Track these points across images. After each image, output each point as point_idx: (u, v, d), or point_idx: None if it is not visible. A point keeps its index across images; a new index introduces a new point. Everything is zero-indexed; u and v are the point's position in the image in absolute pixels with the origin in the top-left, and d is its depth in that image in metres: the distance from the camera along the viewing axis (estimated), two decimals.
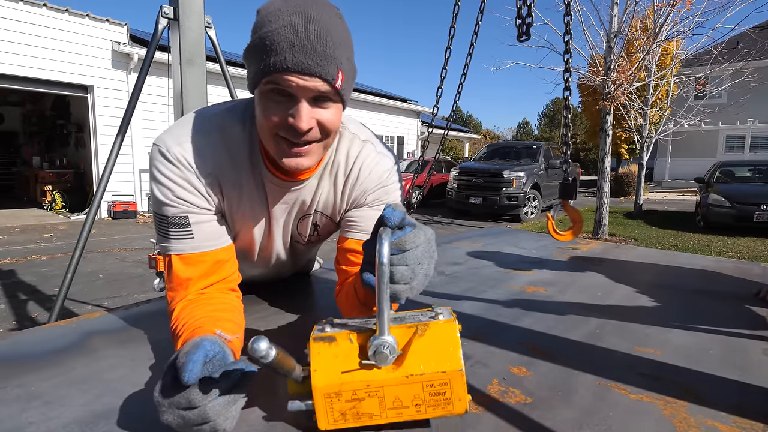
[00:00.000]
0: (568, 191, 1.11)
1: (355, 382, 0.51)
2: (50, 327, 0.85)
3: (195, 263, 0.74)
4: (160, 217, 0.74)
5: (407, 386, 0.51)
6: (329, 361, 0.52)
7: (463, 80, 1.73)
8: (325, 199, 0.86)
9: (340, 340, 0.53)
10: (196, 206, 0.74)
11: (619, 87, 6.60)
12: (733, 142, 17.18)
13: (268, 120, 0.66)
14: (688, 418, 0.58)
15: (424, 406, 0.52)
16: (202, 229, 0.74)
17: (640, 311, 1.01)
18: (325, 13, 0.64)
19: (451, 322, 0.55)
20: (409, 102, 16.38)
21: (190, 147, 0.73)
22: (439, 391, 0.52)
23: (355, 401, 0.51)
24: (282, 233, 0.89)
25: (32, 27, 7.65)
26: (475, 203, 9.73)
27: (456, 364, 0.51)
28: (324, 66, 0.62)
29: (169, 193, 0.72)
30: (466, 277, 1.27)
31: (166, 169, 0.72)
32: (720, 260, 1.62)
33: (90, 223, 2.04)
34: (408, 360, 0.51)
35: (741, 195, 7.98)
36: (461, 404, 0.52)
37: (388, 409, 0.52)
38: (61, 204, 9.31)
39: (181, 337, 0.64)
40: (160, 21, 2.09)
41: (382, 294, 0.50)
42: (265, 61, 0.62)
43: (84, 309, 3.60)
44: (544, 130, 49.11)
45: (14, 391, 0.61)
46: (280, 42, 0.61)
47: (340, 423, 0.52)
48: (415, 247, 0.56)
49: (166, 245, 0.74)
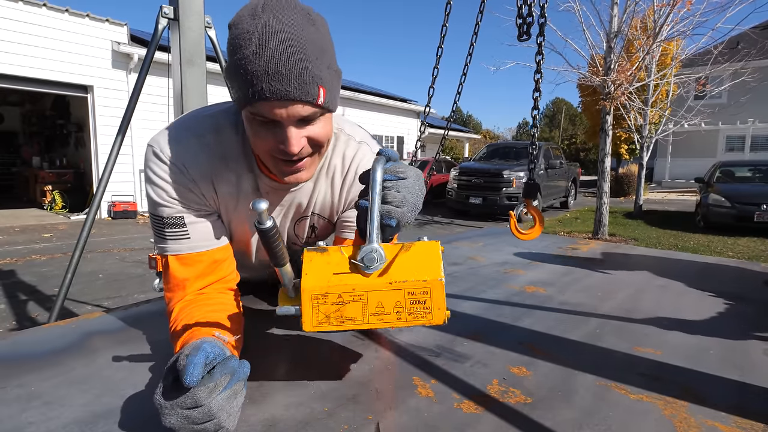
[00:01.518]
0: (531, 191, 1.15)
1: (341, 285, 0.54)
2: (50, 327, 0.85)
3: (192, 263, 0.73)
4: (156, 218, 0.73)
5: (390, 292, 0.55)
6: (320, 267, 0.56)
7: (463, 80, 1.72)
8: (323, 200, 0.86)
9: (331, 251, 0.57)
10: (191, 206, 0.74)
11: (619, 87, 6.60)
12: (733, 142, 17.18)
13: (260, 144, 0.67)
14: (688, 418, 0.58)
15: (405, 314, 0.55)
16: (198, 229, 0.74)
17: (640, 311, 1.01)
18: (296, 25, 0.61)
19: (435, 242, 0.58)
20: (409, 102, 16.39)
21: (185, 148, 0.72)
22: (419, 299, 0.55)
23: (340, 304, 0.54)
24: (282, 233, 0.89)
25: (32, 27, 7.65)
26: (475, 203, 9.73)
27: (436, 274, 0.55)
28: (303, 89, 0.61)
29: (163, 194, 0.72)
30: (466, 277, 1.27)
31: (160, 170, 0.71)
32: (720, 260, 1.62)
33: (90, 223, 2.04)
34: (392, 269, 0.55)
35: (741, 195, 7.98)
36: (440, 314, 0.55)
37: (370, 314, 0.55)
38: (61, 204, 9.31)
39: (180, 339, 0.64)
40: (160, 21, 2.09)
41: (374, 205, 0.55)
42: (243, 90, 0.61)
43: (84, 309, 3.60)
44: (544, 130, 49.11)
45: (14, 391, 0.61)
46: (255, 72, 0.59)
47: (324, 325, 0.54)
48: (406, 177, 0.60)
49: (162, 246, 0.74)
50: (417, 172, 0.63)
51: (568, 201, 12.17)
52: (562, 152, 12.94)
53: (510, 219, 1.17)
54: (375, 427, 0.54)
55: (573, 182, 12.54)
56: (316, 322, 0.54)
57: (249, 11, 0.61)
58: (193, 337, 0.61)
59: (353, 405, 0.59)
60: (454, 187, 10.18)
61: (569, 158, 18.20)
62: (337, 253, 0.56)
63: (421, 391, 0.64)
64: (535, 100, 1.12)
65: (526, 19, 1.09)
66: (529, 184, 1.16)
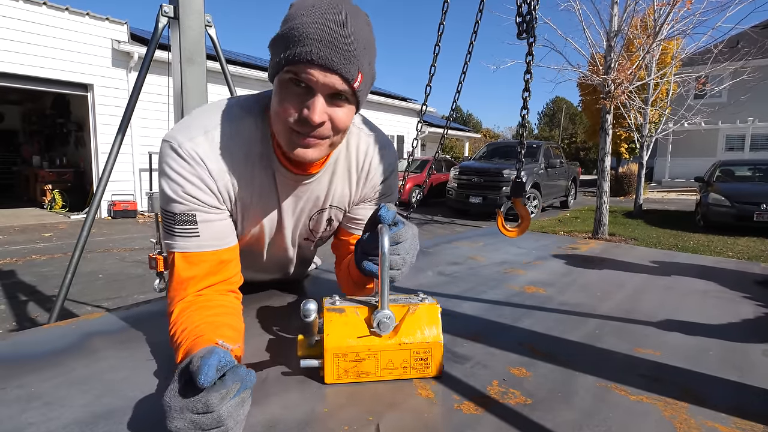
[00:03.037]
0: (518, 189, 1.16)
1: (358, 346, 0.64)
2: (50, 327, 0.85)
3: (198, 262, 0.73)
4: (168, 213, 0.73)
5: (399, 352, 0.66)
6: (339, 328, 0.64)
7: (462, 79, 1.72)
8: (341, 193, 0.88)
9: (348, 312, 0.66)
10: (205, 204, 0.74)
11: (619, 86, 6.60)
12: (733, 142, 17.18)
13: (283, 109, 0.68)
14: (689, 420, 0.58)
15: (410, 368, 0.67)
16: (209, 228, 0.74)
17: (639, 311, 1.01)
18: (356, 18, 0.66)
19: (434, 304, 0.69)
20: (409, 101, 16.38)
21: (203, 142, 0.73)
22: (422, 357, 0.66)
23: (356, 361, 0.65)
24: (292, 228, 0.89)
25: (32, 25, 7.64)
26: (474, 203, 9.73)
27: (437, 338, 0.67)
28: (346, 65, 0.64)
29: (179, 189, 0.71)
30: (466, 277, 1.27)
31: (177, 165, 0.71)
32: (720, 260, 1.62)
33: (90, 223, 2.04)
34: (401, 331, 0.66)
35: (741, 194, 7.98)
36: (438, 368, 0.67)
37: (381, 369, 0.66)
38: (61, 203, 9.31)
39: (182, 346, 0.63)
40: (160, 19, 2.09)
41: (384, 277, 0.64)
42: (291, 50, 0.64)
43: (84, 309, 3.60)
44: (544, 129, 49.09)
45: (14, 392, 0.61)
46: (308, 34, 0.63)
47: (343, 378, 0.65)
48: (404, 240, 0.69)
49: (170, 242, 0.73)
50: (413, 233, 0.71)
51: (568, 200, 12.17)
52: (562, 151, 12.93)
53: (497, 217, 1.18)
54: (375, 427, 0.54)
55: (573, 181, 12.54)
56: (336, 376, 0.64)
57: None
58: (197, 345, 0.61)
59: (353, 405, 0.59)
60: (454, 187, 10.17)
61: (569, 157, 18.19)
62: (353, 315, 0.66)
63: (421, 391, 0.64)
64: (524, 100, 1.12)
65: (526, 17, 1.09)
66: (516, 183, 1.17)
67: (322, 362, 0.64)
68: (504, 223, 1.17)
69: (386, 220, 0.67)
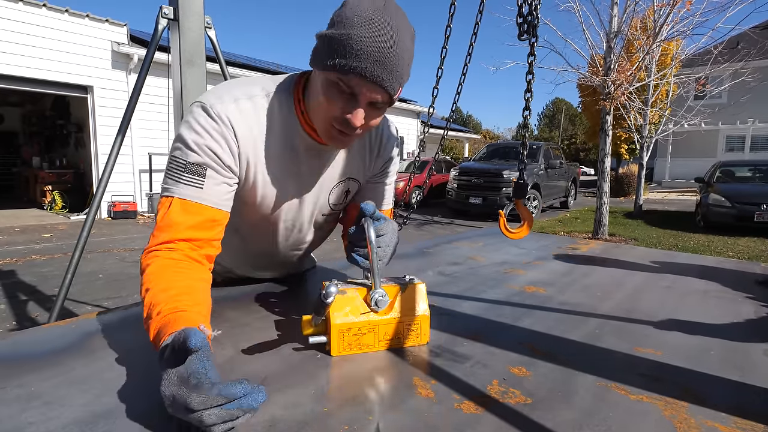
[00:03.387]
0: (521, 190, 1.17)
1: (360, 322, 0.74)
2: (50, 327, 0.85)
3: (193, 213, 0.76)
4: (180, 161, 0.77)
5: (394, 325, 0.76)
6: (342, 307, 0.73)
7: (462, 80, 1.73)
8: (358, 165, 0.96)
9: (348, 293, 0.74)
10: (220, 162, 0.78)
11: (619, 87, 6.60)
12: (733, 142, 17.18)
13: (328, 106, 0.75)
14: (689, 419, 0.58)
15: (403, 338, 0.78)
16: (212, 186, 0.78)
17: (640, 311, 1.01)
18: (406, 35, 0.72)
19: (421, 283, 0.80)
20: (409, 102, 16.37)
21: (234, 109, 0.79)
22: (413, 328, 0.78)
23: (359, 335, 0.74)
24: (313, 203, 0.95)
25: (32, 27, 7.65)
26: (474, 203, 9.73)
27: (425, 311, 0.79)
28: (392, 83, 0.72)
29: (199, 140, 0.76)
30: (466, 277, 1.27)
31: (204, 121, 0.77)
32: (720, 260, 1.62)
33: (90, 224, 2.04)
34: (395, 307, 0.77)
35: (741, 195, 7.98)
36: (425, 338, 0.79)
37: (380, 340, 0.76)
38: (61, 204, 9.31)
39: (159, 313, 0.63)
40: (160, 21, 2.09)
41: (374, 260, 0.74)
42: (345, 61, 0.69)
43: (84, 309, 3.60)
44: (544, 130, 49.13)
45: (14, 391, 0.61)
46: (364, 51, 0.68)
47: (347, 351, 0.74)
48: (386, 234, 0.80)
49: (172, 188, 0.76)
50: (393, 228, 0.82)
51: (568, 201, 12.17)
52: (562, 152, 12.94)
53: (500, 218, 1.18)
54: (375, 427, 0.54)
55: (573, 182, 12.54)
56: (341, 349, 0.73)
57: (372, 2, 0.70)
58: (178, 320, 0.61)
59: (353, 405, 0.59)
60: (454, 187, 10.18)
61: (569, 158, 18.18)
62: (353, 295, 0.75)
63: (421, 391, 0.64)
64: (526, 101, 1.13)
65: (527, 18, 1.10)
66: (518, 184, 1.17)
67: (328, 338, 0.73)
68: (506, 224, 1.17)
69: (368, 212, 0.77)
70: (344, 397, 0.61)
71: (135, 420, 0.55)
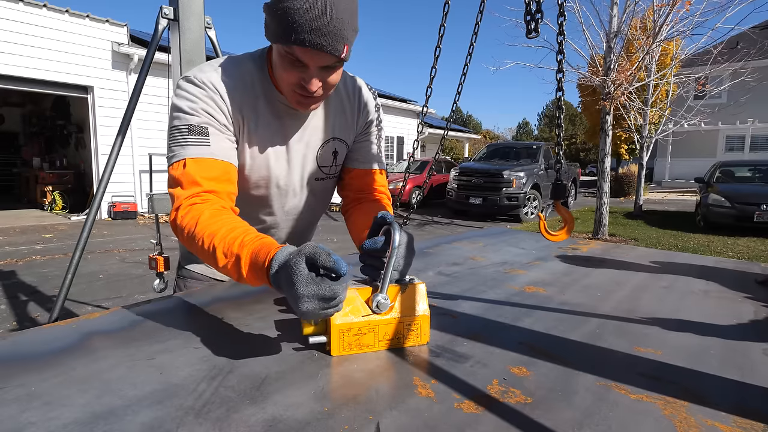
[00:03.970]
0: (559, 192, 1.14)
1: (360, 322, 0.73)
2: (50, 327, 0.85)
3: (208, 168, 0.82)
4: (182, 127, 0.82)
5: (394, 325, 0.76)
6: (343, 307, 0.70)
7: (462, 80, 1.72)
8: (341, 124, 1.01)
9: (349, 293, 0.73)
10: (216, 120, 0.85)
11: (618, 87, 6.60)
12: (733, 142, 17.18)
13: (285, 77, 0.82)
14: (689, 418, 0.58)
15: (403, 339, 0.77)
16: (217, 141, 0.84)
17: (640, 311, 1.01)
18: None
19: (421, 283, 0.79)
20: (409, 102, 16.38)
21: (215, 74, 0.86)
22: (413, 328, 0.78)
23: (359, 335, 0.74)
24: (301, 164, 0.99)
25: (32, 28, 7.66)
26: (475, 203, 9.73)
27: (425, 311, 0.78)
28: (333, 45, 0.76)
29: (194, 105, 0.83)
30: (466, 277, 1.27)
31: (192, 88, 0.84)
32: (720, 260, 1.62)
33: (90, 224, 2.04)
34: (395, 308, 0.76)
35: (741, 195, 7.98)
36: (425, 338, 0.79)
37: (380, 340, 0.75)
38: (61, 205, 9.31)
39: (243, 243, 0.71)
40: (160, 21, 2.09)
41: (389, 267, 0.73)
42: (286, 34, 0.75)
43: (84, 309, 3.61)
44: (544, 130, 49.13)
45: (14, 391, 0.61)
46: (300, 22, 0.73)
47: (347, 350, 0.73)
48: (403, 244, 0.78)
49: (181, 152, 0.82)
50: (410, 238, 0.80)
51: (568, 201, 12.17)
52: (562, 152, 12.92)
53: (540, 221, 1.17)
54: (375, 427, 0.54)
55: (573, 182, 12.54)
56: (341, 349, 0.73)
57: None
58: (270, 244, 0.70)
59: (353, 405, 0.59)
60: (454, 187, 10.18)
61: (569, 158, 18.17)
62: (353, 296, 0.74)
63: (421, 391, 0.64)
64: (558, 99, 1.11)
65: (535, 15, 1.09)
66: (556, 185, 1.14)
67: (328, 338, 0.73)
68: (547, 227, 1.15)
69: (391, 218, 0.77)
70: (344, 397, 0.61)
71: (135, 420, 0.55)
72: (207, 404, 0.58)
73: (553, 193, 1.15)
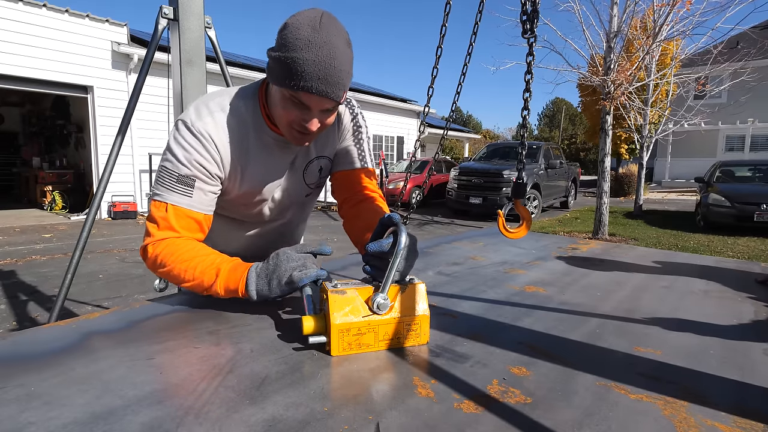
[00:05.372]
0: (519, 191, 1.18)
1: (360, 322, 0.74)
2: (50, 327, 0.85)
3: (184, 217, 0.93)
4: (172, 173, 0.91)
5: (394, 324, 0.76)
6: (342, 307, 0.74)
7: (462, 80, 1.72)
8: (323, 143, 1.09)
9: (349, 293, 0.75)
10: (207, 172, 0.93)
11: (618, 87, 6.60)
12: (733, 142, 17.18)
13: (285, 115, 0.90)
14: (688, 418, 0.58)
15: (403, 338, 0.77)
16: (199, 195, 0.94)
17: (640, 311, 1.01)
18: (341, 46, 0.84)
19: (421, 283, 0.80)
20: (409, 102, 16.38)
21: (210, 122, 0.93)
22: (413, 328, 0.78)
23: (358, 335, 0.74)
24: (292, 186, 1.10)
25: (32, 27, 7.66)
26: (475, 203, 9.73)
27: (425, 311, 0.79)
28: (337, 92, 0.86)
29: (189, 157, 0.91)
30: (466, 277, 1.27)
31: (190, 138, 0.92)
32: (720, 260, 1.62)
33: (90, 224, 2.04)
34: (395, 308, 0.77)
35: (741, 195, 7.98)
36: (425, 338, 0.79)
37: (380, 340, 0.76)
38: (61, 204, 9.31)
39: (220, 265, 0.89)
40: (160, 21, 2.09)
41: (393, 267, 0.75)
42: (294, 81, 0.82)
43: (84, 309, 3.61)
44: (544, 130, 49.13)
45: (14, 391, 0.61)
46: (309, 73, 0.81)
47: (347, 351, 0.74)
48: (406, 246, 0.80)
49: (166, 195, 0.92)
50: (413, 240, 0.82)
51: (568, 201, 12.17)
52: (562, 152, 12.93)
53: (498, 218, 1.18)
54: (375, 427, 0.54)
55: (573, 182, 12.54)
56: (341, 349, 0.73)
57: (309, 22, 0.82)
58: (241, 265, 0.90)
59: (353, 405, 0.59)
60: (454, 187, 10.18)
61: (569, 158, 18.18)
62: (354, 296, 0.75)
63: (421, 391, 0.64)
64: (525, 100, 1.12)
65: (531, 16, 1.09)
66: (517, 184, 1.17)
67: (328, 338, 0.73)
68: (505, 224, 1.17)
69: (398, 219, 0.81)
70: (344, 397, 0.61)
71: (134, 420, 0.55)
72: (207, 404, 0.58)
73: (513, 191, 1.20)
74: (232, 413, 0.56)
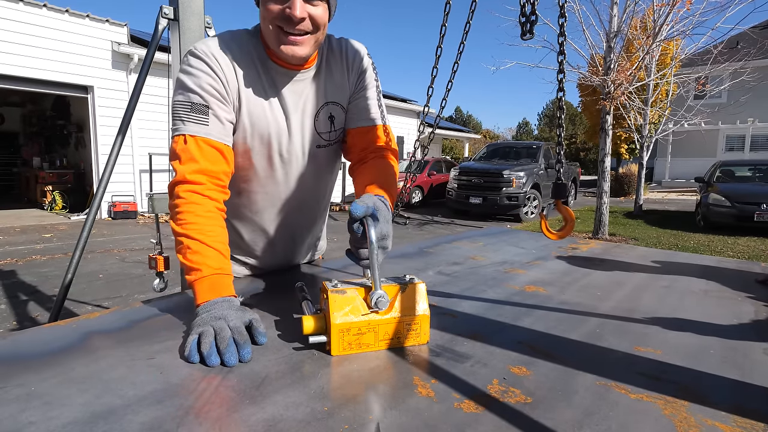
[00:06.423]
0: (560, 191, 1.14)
1: (360, 322, 0.74)
2: (50, 327, 0.85)
3: (204, 147, 0.89)
4: (186, 103, 0.90)
5: (394, 324, 0.76)
6: (342, 306, 0.73)
7: (452, 77, 1.72)
8: (333, 88, 1.03)
9: (349, 292, 0.75)
10: (217, 95, 0.91)
11: (618, 87, 6.60)
12: (733, 142, 17.17)
13: (269, 10, 0.86)
14: (688, 418, 0.58)
15: (403, 338, 0.77)
16: (215, 122, 0.91)
17: (640, 311, 1.01)
18: None
19: (421, 283, 0.80)
20: (409, 102, 16.38)
21: (213, 44, 0.93)
22: (413, 327, 0.78)
23: (358, 335, 0.74)
24: (300, 129, 1.02)
25: (32, 27, 7.66)
26: (475, 203, 9.73)
27: (425, 311, 0.78)
28: None
29: (197, 81, 0.89)
30: (466, 277, 1.27)
31: (195, 61, 0.90)
32: (720, 260, 1.62)
33: (90, 224, 2.04)
34: (395, 307, 0.77)
35: (741, 194, 7.98)
36: (425, 337, 0.79)
37: (380, 340, 0.76)
38: (61, 204, 9.31)
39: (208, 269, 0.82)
40: (160, 21, 2.09)
41: (374, 263, 0.75)
42: None
43: (84, 309, 3.61)
44: (544, 130, 49.10)
45: (14, 391, 0.61)
46: None
47: (347, 350, 0.74)
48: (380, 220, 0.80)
49: (182, 127, 0.89)
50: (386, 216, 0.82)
51: (568, 201, 12.17)
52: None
53: (541, 220, 1.17)
54: (375, 427, 0.54)
55: (573, 182, 12.54)
56: (341, 348, 0.73)
57: None
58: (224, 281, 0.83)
59: (353, 405, 0.59)
60: (454, 187, 10.18)
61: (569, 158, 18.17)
62: (353, 295, 0.75)
63: (421, 390, 0.64)
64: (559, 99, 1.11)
65: (530, 17, 1.09)
66: (557, 185, 1.15)
67: (328, 338, 0.73)
68: (548, 226, 1.16)
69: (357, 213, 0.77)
70: (344, 397, 0.61)
71: (134, 420, 0.55)
72: (207, 404, 0.58)
73: (554, 192, 1.16)
74: (232, 413, 0.56)
